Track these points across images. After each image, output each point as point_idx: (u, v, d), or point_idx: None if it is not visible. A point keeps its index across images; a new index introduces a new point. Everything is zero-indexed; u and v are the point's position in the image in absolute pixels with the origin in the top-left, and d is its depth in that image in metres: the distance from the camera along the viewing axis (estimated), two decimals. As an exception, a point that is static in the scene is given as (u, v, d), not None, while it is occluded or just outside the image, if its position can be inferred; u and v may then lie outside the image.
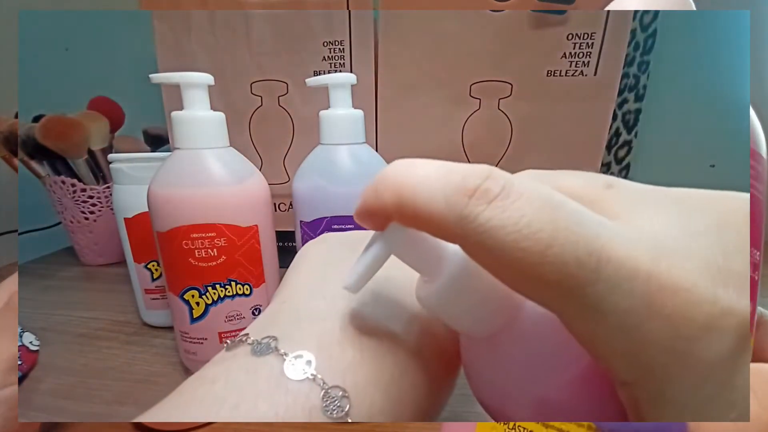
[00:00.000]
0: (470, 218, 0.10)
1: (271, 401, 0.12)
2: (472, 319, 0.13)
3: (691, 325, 0.09)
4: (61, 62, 0.66)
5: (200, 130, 0.26)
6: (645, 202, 0.11)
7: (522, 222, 0.09)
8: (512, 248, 0.09)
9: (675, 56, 0.51)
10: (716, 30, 0.51)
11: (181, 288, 0.27)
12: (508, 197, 0.10)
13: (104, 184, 0.52)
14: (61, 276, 0.52)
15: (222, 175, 0.26)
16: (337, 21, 0.41)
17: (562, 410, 0.12)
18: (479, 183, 0.10)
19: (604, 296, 0.09)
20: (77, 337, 0.37)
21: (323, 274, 0.17)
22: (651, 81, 0.49)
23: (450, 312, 0.13)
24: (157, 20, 0.42)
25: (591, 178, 0.12)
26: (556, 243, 0.09)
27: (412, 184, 0.11)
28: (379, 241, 0.13)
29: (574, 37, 0.39)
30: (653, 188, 0.11)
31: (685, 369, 0.09)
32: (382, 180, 0.12)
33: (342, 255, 0.18)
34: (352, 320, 0.14)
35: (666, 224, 0.10)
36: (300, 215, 0.30)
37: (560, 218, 0.09)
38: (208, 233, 0.26)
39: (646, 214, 0.10)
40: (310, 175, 0.29)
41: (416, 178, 0.11)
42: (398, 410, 0.13)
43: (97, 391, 0.29)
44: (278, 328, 0.14)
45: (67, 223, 0.53)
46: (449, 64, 0.41)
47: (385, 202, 0.11)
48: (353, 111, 0.29)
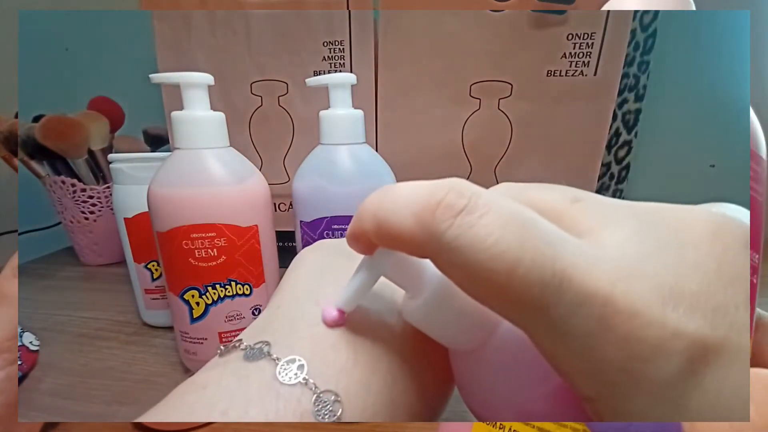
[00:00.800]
0: (438, 234, 0.10)
1: (262, 406, 0.12)
2: (453, 334, 0.14)
3: (642, 347, 0.09)
4: (61, 62, 0.66)
5: (200, 130, 0.26)
6: (610, 218, 0.11)
7: (489, 240, 0.09)
8: (480, 267, 0.09)
9: (675, 56, 0.51)
10: (716, 30, 0.51)
11: (181, 288, 0.27)
12: (475, 211, 0.10)
13: (104, 184, 0.52)
14: (61, 276, 0.52)
15: (222, 175, 0.26)
16: (337, 21, 0.41)
17: (543, 420, 0.12)
18: (443, 196, 0.10)
19: (565, 318, 0.09)
20: (77, 337, 0.37)
21: (318, 280, 0.17)
22: (651, 81, 0.49)
23: (432, 327, 0.14)
24: (157, 20, 0.42)
25: (560, 192, 0.12)
26: (522, 264, 0.09)
27: (385, 206, 0.11)
28: (366, 265, 0.14)
29: (574, 37, 0.39)
30: (620, 203, 0.12)
31: (639, 389, 0.09)
32: (362, 207, 0.12)
33: (337, 261, 0.18)
34: (346, 325, 0.14)
35: (627, 242, 0.10)
36: (300, 215, 0.30)
37: (528, 237, 0.09)
38: (208, 233, 0.26)
39: (610, 231, 0.10)
40: (310, 175, 0.29)
41: (389, 200, 0.11)
42: (392, 415, 0.13)
43: (97, 391, 0.29)
44: (271, 333, 0.14)
45: (67, 223, 0.53)
46: (449, 64, 0.41)
47: (364, 227, 0.12)
48: (353, 111, 0.29)
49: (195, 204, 0.26)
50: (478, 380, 0.14)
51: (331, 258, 0.18)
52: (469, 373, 0.14)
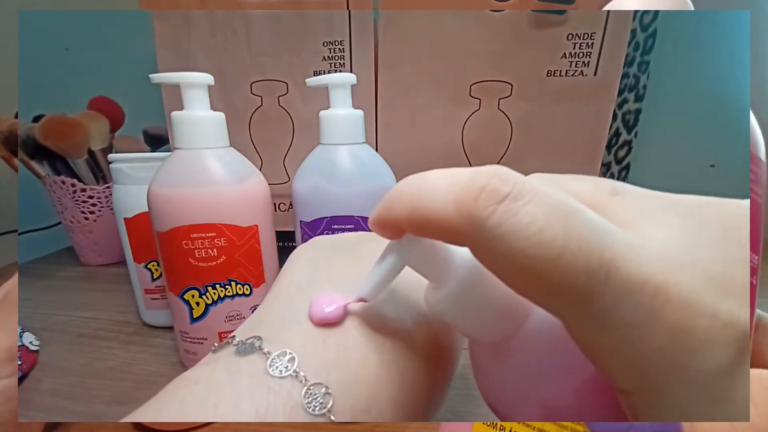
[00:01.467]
0: (479, 220, 0.09)
1: (252, 400, 0.12)
2: (479, 325, 0.13)
3: (692, 337, 0.09)
4: (61, 62, 0.66)
5: (200, 130, 0.26)
6: (651, 210, 0.11)
7: (533, 227, 0.09)
8: (522, 255, 0.09)
9: (675, 56, 0.51)
10: (716, 30, 0.51)
11: (181, 288, 0.27)
12: (519, 199, 0.09)
13: (104, 184, 0.52)
14: (61, 276, 0.52)
15: (222, 175, 0.26)
16: (337, 21, 0.41)
17: (567, 415, 0.12)
18: (486, 182, 0.10)
19: (611, 309, 0.09)
20: (77, 337, 0.37)
21: (311, 276, 0.17)
22: (651, 81, 0.49)
23: (458, 317, 0.13)
24: (157, 20, 0.42)
25: (598, 184, 0.12)
26: (567, 252, 0.09)
27: (422, 192, 0.11)
28: (393, 252, 0.13)
29: (574, 37, 0.39)
30: (658, 195, 0.11)
31: (684, 381, 0.09)
32: (394, 193, 0.12)
33: (330, 258, 0.18)
34: (337, 320, 0.14)
35: (672, 234, 0.10)
36: (300, 215, 0.30)
37: (573, 225, 0.09)
38: (208, 233, 0.26)
39: (653, 223, 0.10)
40: (310, 175, 0.29)
41: (426, 186, 0.11)
42: (385, 409, 0.13)
43: (97, 391, 0.29)
44: (264, 328, 0.14)
45: (67, 223, 0.53)
46: (449, 64, 0.41)
47: (397, 214, 0.11)
48: (353, 111, 0.29)
49: (195, 204, 0.26)
50: (499, 372, 0.14)
51: (325, 254, 0.18)
52: (490, 364, 0.14)
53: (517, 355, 0.13)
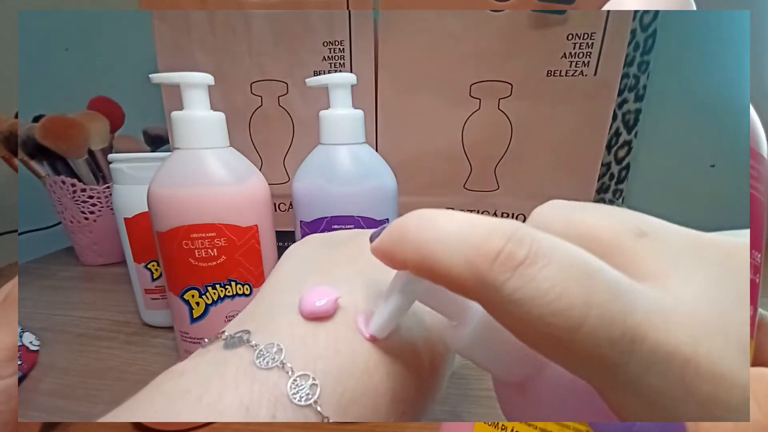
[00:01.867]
0: (494, 286, 0.09)
1: (237, 391, 0.12)
2: (501, 365, 0.13)
3: (725, 409, 0.08)
4: (61, 62, 0.66)
5: (200, 130, 0.26)
6: (680, 260, 0.10)
7: (552, 294, 0.09)
8: (540, 322, 0.09)
9: (675, 56, 0.51)
10: (716, 30, 0.51)
11: (181, 288, 0.27)
12: (536, 262, 0.09)
13: (104, 184, 0.52)
14: (61, 276, 0.52)
15: (222, 175, 0.26)
16: (337, 21, 0.41)
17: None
18: (502, 246, 0.09)
19: (638, 377, 0.09)
20: (77, 337, 0.37)
21: (301, 271, 0.17)
22: (651, 81, 0.49)
23: (479, 358, 0.13)
24: (157, 20, 0.42)
25: (622, 221, 0.11)
26: (588, 321, 0.08)
27: (432, 242, 0.10)
28: (400, 290, 0.13)
29: (574, 37, 0.39)
30: (687, 236, 0.11)
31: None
32: (400, 229, 0.11)
33: (322, 254, 0.18)
34: (326, 314, 0.14)
35: (702, 292, 0.09)
36: (300, 215, 0.30)
37: (594, 290, 0.09)
38: (208, 233, 0.26)
39: (682, 276, 0.10)
40: (310, 175, 0.29)
41: (436, 235, 0.10)
42: (372, 401, 0.13)
43: (97, 391, 0.29)
44: (253, 322, 0.14)
45: (67, 223, 0.53)
46: (449, 64, 0.41)
47: (402, 256, 0.11)
48: (353, 111, 0.29)
49: (195, 204, 0.26)
50: (524, 410, 0.14)
51: (318, 250, 0.18)
52: (515, 402, 0.14)
53: (540, 396, 0.13)
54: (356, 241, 0.18)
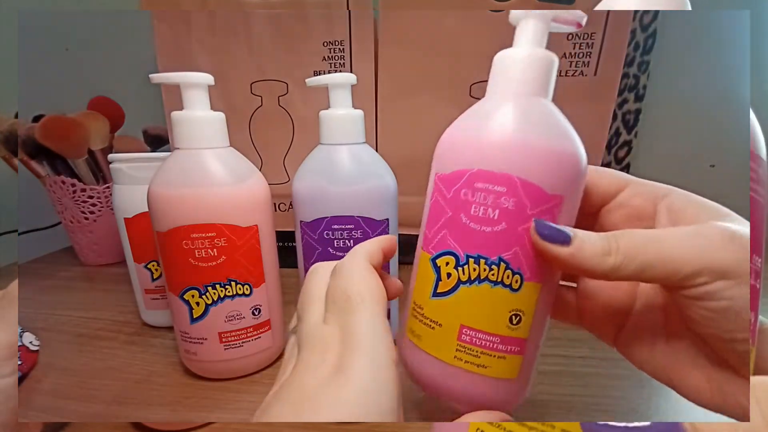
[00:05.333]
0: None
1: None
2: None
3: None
4: (61, 62, 0.66)
5: (200, 130, 0.26)
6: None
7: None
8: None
9: (675, 56, 0.51)
10: (716, 30, 0.51)
11: (181, 288, 0.27)
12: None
13: (104, 184, 0.52)
14: (61, 276, 0.52)
15: (222, 175, 0.26)
16: (337, 21, 0.41)
17: None
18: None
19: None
20: (77, 337, 0.37)
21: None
22: (651, 81, 0.49)
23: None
24: (157, 20, 0.42)
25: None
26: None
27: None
28: None
29: (574, 37, 0.39)
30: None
31: None
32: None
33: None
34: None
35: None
36: (300, 215, 0.30)
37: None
38: (208, 233, 0.26)
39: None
40: (310, 175, 0.29)
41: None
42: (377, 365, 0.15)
43: (97, 391, 0.29)
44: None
45: (67, 223, 0.53)
46: (449, 64, 0.41)
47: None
48: (353, 111, 0.29)
49: (195, 204, 0.26)
50: None
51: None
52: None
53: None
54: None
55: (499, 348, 0.19)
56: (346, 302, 0.16)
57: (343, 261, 0.18)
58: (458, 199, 0.20)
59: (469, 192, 0.19)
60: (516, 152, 0.19)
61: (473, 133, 0.20)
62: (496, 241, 0.19)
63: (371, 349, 0.15)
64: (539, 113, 0.20)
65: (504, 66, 0.21)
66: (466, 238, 0.19)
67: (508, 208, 0.18)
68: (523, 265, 0.19)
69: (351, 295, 0.16)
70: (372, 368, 0.14)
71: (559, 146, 0.19)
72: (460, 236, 0.20)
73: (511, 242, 0.19)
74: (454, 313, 0.20)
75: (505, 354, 0.19)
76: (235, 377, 0.30)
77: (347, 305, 0.16)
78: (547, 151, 0.19)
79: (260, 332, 0.30)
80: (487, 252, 0.19)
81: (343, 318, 0.16)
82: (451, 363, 0.20)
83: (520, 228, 0.18)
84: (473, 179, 0.19)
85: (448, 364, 0.20)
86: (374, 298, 0.16)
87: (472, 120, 0.21)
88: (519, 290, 0.19)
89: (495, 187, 0.19)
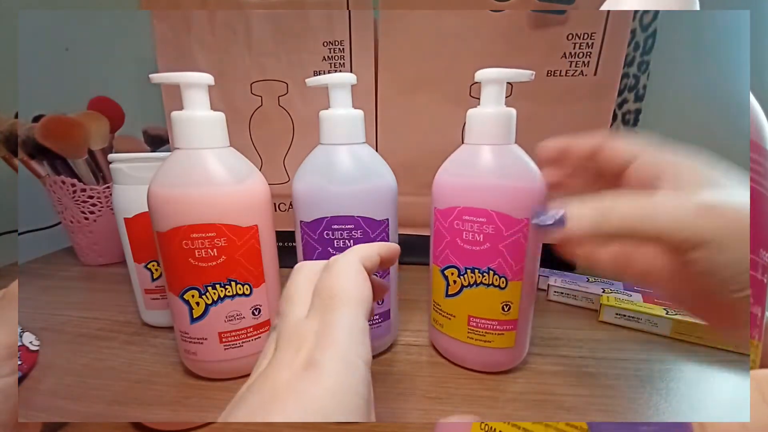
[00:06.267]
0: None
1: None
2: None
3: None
4: (61, 62, 0.66)
5: (200, 130, 0.26)
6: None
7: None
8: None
9: (675, 56, 0.51)
10: (716, 30, 0.51)
11: (181, 288, 0.27)
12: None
13: (104, 184, 0.52)
14: (61, 276, 0.52)
15: (222, 175, 0.26)
16: (337, 21, 0.41)
17: None
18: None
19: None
20: (77, 337, 0.37)
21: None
22: (651, 81, 0.49)
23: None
24: (157, 20, 0.42)
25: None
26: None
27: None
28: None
29: (574, 37, 0.39)
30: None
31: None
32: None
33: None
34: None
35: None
36: (300, 215, 0.30)
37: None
38: (208, 233, 0.26)
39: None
40: (310, 175, 0.29)
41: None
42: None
43: (97, 391, 0.29)
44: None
45: (67, 223, 0.53)
46: (449, 64, 0.41)
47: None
48: (353, 111, 0.29)
49: (195, 204, 0.26)
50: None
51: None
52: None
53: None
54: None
55: (498, 328, 0.29)
56: (330, 299, 0.16)
57: (338, 258, 0.19)
58: (453, 227, 0.28)
59: (460, 222, 0.27)
60: (489, 193, 0.26)
61: (458, 179, 0.28)
62: (484, 257, 0.27)
63: (345, 347, 0.15)
64: (505, 158, 0.27)
65: (477, 121, 0.27)
66: (462, 255, 0.28)
67: (490, 233, 0.26)
68: (506, 270, 0.27)
69: (336, 293, 0.16)
70: (344, 366, 0.14)
71: (521, 183, 0.26)
72: (458, 254, 0.28)
73: (495, 256, 0.27)
74: (462, 308, 0.29)
75: (503, 331, 0.29)
76: (235, 377, 0.30)
77: (331, 302, 0.16)
78: (513, 189, 0.26)
79: (260, 332, 0.30)
80: (479, 264, 0.27)
81: (324, 314, 0.16)
82: (465, 341, 0.30)
83: (500, 246, 0.26)
84: (461, 213, 0.27)
85: (464, 342, 0.30)
86: (358, 299, 0.17)
87: (457, 167, 0.28)
88: (506, 288, 0.28)
89: (477, 218, 0.26)
